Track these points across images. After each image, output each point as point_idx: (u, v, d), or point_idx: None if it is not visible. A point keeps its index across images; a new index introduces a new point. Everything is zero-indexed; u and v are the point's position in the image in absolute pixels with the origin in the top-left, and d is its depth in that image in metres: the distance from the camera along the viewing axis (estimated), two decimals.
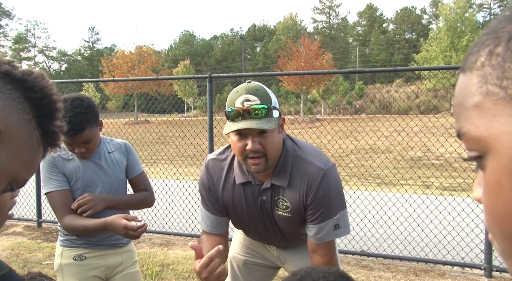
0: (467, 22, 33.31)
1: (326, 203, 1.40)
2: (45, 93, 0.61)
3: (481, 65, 0.33)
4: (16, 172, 0.59)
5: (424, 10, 67.47)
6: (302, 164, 1.42)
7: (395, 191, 6.17)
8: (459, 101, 0.36)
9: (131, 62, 38.02)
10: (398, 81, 39.32)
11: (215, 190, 1.53)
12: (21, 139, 0.58)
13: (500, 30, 0.32)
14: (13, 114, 0.57)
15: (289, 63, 32.56)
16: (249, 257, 1.82)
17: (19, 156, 0.59)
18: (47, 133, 0.62)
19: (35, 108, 0.60)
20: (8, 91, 0.57)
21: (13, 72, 0.58)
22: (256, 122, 1.27)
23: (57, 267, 1.80)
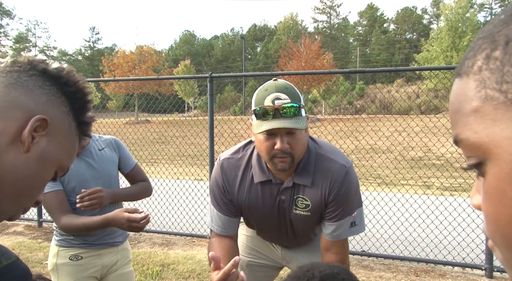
0: (468, 22, 33.26)
1: (346, 201, 1.41)
2: (78, 87, 0.67)
3: (478, 69, 0.32)
4: (61, 160, 0.65)
5: (425, 10, 67.42)
6: (324, 162, 1.42)
7: (396, 191, 6.16)
8: (456, 106, 0.35)
9: (131, 61, 38.02)
10: (399, 81, 39.30)
11: (230, 190, 1.50)
12: (63, 129, 0.65)
13: (497, 34, 0.31)
14: (55, 107, 0.63)
15: (290, 63, 32.55)
16: (253, 258, 1.82)
17: (63, 145, 0.65)
18: (81, 123, 0.69)
19: (71, 101, 0.66)
20: (48, 87, 0.63)
21: (49, 70, 0.64)
22: (288, 122, 1.25)
23: (52, 267, 1.78)
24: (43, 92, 0.62)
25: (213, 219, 1.56)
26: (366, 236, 4.44)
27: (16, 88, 0.61)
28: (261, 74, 5.61)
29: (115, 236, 1.84)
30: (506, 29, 0.31)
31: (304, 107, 1.32)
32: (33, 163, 0.60)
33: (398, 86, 36.35)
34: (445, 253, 4.01)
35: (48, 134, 0.61)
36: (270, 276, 1.87)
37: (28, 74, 0.63)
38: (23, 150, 0.59)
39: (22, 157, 0.59)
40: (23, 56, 0.68)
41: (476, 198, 0.37)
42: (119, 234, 1.86)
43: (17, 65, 0.64)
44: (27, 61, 0.65)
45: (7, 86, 0.61)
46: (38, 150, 0.60)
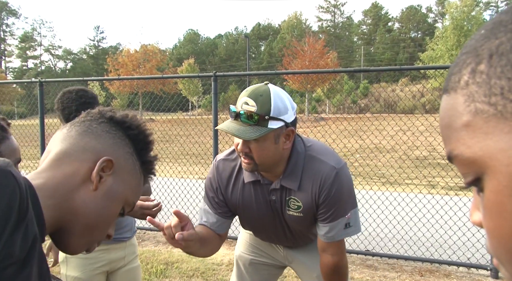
0: (473, 21, 33.08)
1: (338, 202, 1.39)
2: (141, 129, 0.76)
3: (465, 84, 0.32)
4: (127, 196, 0.72)
5: (429, 8, 67.10)
6: (314, 163, 1.41)
7: (400, 191, 6.14)
8: (446, 122, 0.34)
9: (136, 60, 38.12)
10: (404, 80, 39.15)
11: (224, 191, 1.52)
12: (128, 169, 0.72)
13: (480, 48, 0.32)
14: (120, 149, 0.71)
15: (294, 62, 32.51)
16: (256, 257, 1.82)
17: (128, 183, 0.72)
18: (145, 163, 0.77)
19: (134, 142, 0.75)
20: (114, 131, 0.72)
21: (115, 117, 0.74)
22: (241, 128, 1.27)
23: (62, 259, 1.83)
24: (109, 136, 0.71)
25: (204, 216, 1.58)
26: (370, 235, 4.43)
27: (88, 135, 0.70)
28: (265, 73, 5.61)
29: (124, 232, 1.87)
30: (488, 43, 0.31)
31: (276, 119, 1.28)
32: (101, 199, 0.67)
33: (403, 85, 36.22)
34: (450, 253, 3.99)
35: (114, 173, 0.69)
36: (274, 275, 1.86)
37: (98, 121, 0.73)
38: (92, 189, 0.66)
39: (91, 194, 0.66)
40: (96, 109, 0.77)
41: (476, 215, 0.36)
42: (128, 230, 1.90)
43: (90, 115, 0.74)
44: (97, 111, 0.75)
45: (81, 134, 0.70)
46: (105, 188, 0.68)
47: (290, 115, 1.32)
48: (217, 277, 3.49)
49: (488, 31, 0.32)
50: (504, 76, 0.29)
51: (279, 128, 1.30)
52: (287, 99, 1.33)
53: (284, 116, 1.30)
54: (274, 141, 1.31)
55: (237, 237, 1.96)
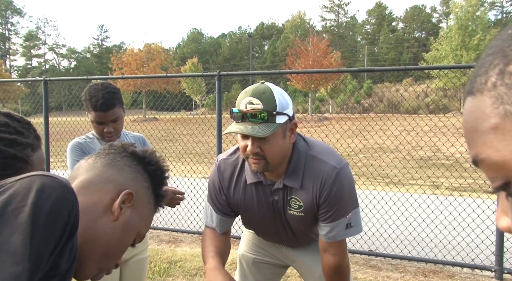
0: (478, 21, 32.89)
1: (339, 202, 1.39)
2: (159, 165, 0.80)
3: (492, 85, 0.31)
4: (141, 228, 0.76)
5: (434, 8, 66.83)
6: (315, 163, 1.41)
7: (404, 191, 6.12)
8: (471, 125, 0.33)
9: (140, 59, 38.18)
10: (408, 80, 39.02)
11: (227, 191, 1.53)
12: (144, 202, 0.77)
13: (507, 49, 0.31)
14: (139, 183, 0.76)
15: (297, 62, 32.46)
16: (259, 256, 1.81)
17: (143, 216, 0.77)
18: (158, 196, 0.81)
19: (151, 177, 0.79)
20: (135, 166, 0.77)
21: (137, 152, 0.79)
22: (253, 127, 1.27)
23: None
24: (131, 170, 0.76)
25: (208, 217, 1.59)
26: (374, 235, 4.42)
27: (112, 167, 0.75)
28: (268, 72, 5.60)
29: None
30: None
31: (281, 114, 1.30)
32: (119, 230, 0.71)
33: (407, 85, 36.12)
34: (454, 253, 3.97)
35: (132, 206, 0.73)
36: (276, 274, 1.86)
37: (121, 155, 0.77)
38: (113, 219, 0.70)
39: (111, 224, 0.70)
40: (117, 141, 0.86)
41: (504, 220, 0.35)
42: None
43: (113, 148, 0.79)
44: (120, 145, 0.80)
45: (105, 166, 0.75)
46: (124, 219, 0.72)
47: (291, 109, 1.35)
48: None
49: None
50: None
51: (285, 123, 1.32)
52: (285, 94, 1.36)
53: (287, 110, 1.33)
54: (282, 136, 1.33)
55: (240, 236, 1.95)
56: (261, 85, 1.33)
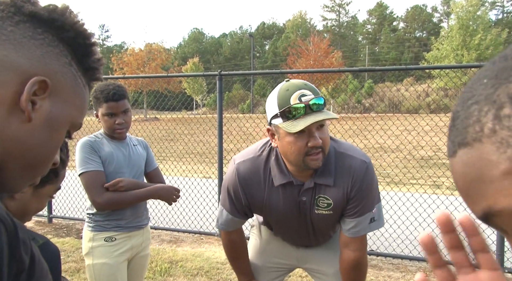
0: (479, 20, 32.87)
1: (367, 196, 1.42)
2: (78, 29, 0.56)
3: (491, 131, 0.29)
4: (72, 117, 0.57)
5: (435, 8, 66.78)
6: (345, 159, 1.42)
7: (405, 191, 6.12)
8: (474, 176, 0.31)
9: (141, 59, 38.20)
10: (409, 80, 38.97)
11: (248, 193, 1.49)
12: (68, 84, 0.55)
13: (494, 95, 0.30)
14: (53, 61, 0.53)
15: (298, 61, 32.47)
16: (266, 263, 1.81)
17: (71, 102, 0.56)
18: (88, 70, 0.59)
19: (71, 48, 0.56)
20: (40, 35, 0.52)
21: (39, 13, 0.52)
22: (323, 114, 1.25)
23: (88, 250, 1.93)
24: (36, 44, 0.51)
25: (224, 221, 1.59)
26: (374, 235, 4.42)
27: (2, 44, 0.49)
28: (269, 72, 5.61)
29: (142, 219, 2.04)
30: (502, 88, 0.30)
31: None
32: (40, 131, 0.52)
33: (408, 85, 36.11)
34: None
35: (51, 95, 0.52)
36: (280, 276, 1.85)
37: (14, 21, 0.50)
38: (25, 119, 0.50)
39: (26, 127, 0.50)
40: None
41: None
42: (145, 218, 2.07)
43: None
44: (9, 1, 0.51)
45: None
46: (43, 116, 0.52)
47: None
48: (221, 276, 3.49)
49: (493, 79, 0.31)
50: None
51: None
52: None
53: None
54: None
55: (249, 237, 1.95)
56: (294, 80, 1.34)
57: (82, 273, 3.42)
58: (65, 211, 5.64)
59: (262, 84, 40.79)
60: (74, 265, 3.63)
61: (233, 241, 1.67)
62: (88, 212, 1.96)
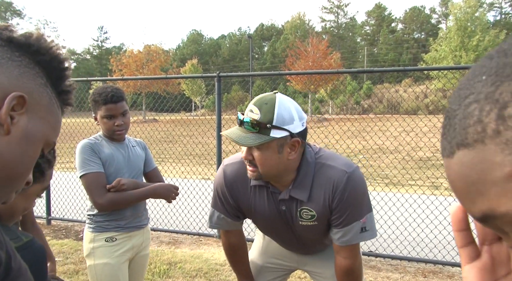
0: (477, 22, 32.97)
1: (351, 206, 1.39)
2: (53, 54, 0.60)
3: (494, 132, 0.28)
4: (47, 135, 0.60)
5: (433, 9, 66.94)
6: (325, 170, 1.40)
7: (404, 192, 6.13)
8: (475, 178, 0.30)
9: (139, 61, 38.20)
10: (407, 81, 39.05)
11: (236, 195, 1.52)
12: (44, 103, 0.59)
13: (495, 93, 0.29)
14: (30, 80, 0.57)
15: (297, 63, 32.51)
16: (266, 263, 1.82)
17: (46, 120, 0.59)
18: (61, 93, 0.63)
19: (46, 71, 0.60)
20: (18, 58, 0.56)
21: (16, 38, 0.57)
22: (242, 135, 1.29)
23: (89, 251, 1.95)
24: (13, 64, 0.55)
25: (212, 219, 1.61)
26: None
27: None
28: (268, 73, 5.61)
29: (142, 219, 2.07)
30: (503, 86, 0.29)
31: (279, 128, 1.27)
32: (17, 144, 0.55)
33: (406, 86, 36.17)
34: (454, 254, 3.98)
35: (28, 111, 0.56)
36: (282, 277, 1.86)
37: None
38: (3, 133, 0.53)
39: (3, 140, 0.53)
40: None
41: None
42: (144, 218, 2.10)
43: None
44: None
45: None
46: (21, 130, 0.55)
47: (296, 126, 1.31)
48: (220, 277, 3.49)
49: (493, 76, 0.30)
50: None
51: (282, 138, 1.29)
52: (294, 109, 1.32)
53: (289, 126, 1.29)
54: (277, 150, 1.31)
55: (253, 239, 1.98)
56: (270, 95, 1.32)
57: (81, 275, 3.42)
58: (63, 212, 5.63)
59: (261, 85, 40.80)
60: (73, 267, 3.62)
61: (232, 244, 1.67)
62: (89, 214, 1.98)
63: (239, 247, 1.69)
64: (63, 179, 6.53)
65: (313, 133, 6.75)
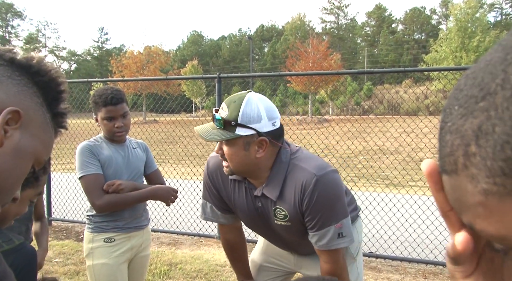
0: (477, 23, 32.98)
1: (322, 209, 1.36)
2: (51, 76, 0.63)
3: (463, 166, 0.30)
4: (38, 153, 0.61)
5: (433, 10, 66.96)
6: (296, 172, 1.40)
7: (404, 193, 6.13)
8: (457, 197, 0.33)
9: (140, 62, 38.22)
10: (408, 82, 39.03)
11: (215, 188, 1.58)
12: (38, 121, 0.61)
13: (462, 129, 0.30)
14: (27, 98, 0.59)
15: (297, 64, 32.50)
16: (266, 263, 1.83)
17: (39, 138, 0.61)
18: (56, 115, 0.65)
19: (43, 91, 0.63)
20: (18, 77, 0.59)
21: (17, 59, 0.60)
22: (208, 130, 1.35)
23: (88, 252, 1.96)
24: (13, 82, 0.58)
25: (205, 212, 1.67)
26: (374, 237, 4.42)
27: None
28: (268, 74, 5.62)
29: (141, 220, 2.08)
30: (468, 122, 0.30)
31: (245, 127, 1.30)
32: (8, 157, 0.56)
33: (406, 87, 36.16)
34: None
35: (21, 127, 0.57)
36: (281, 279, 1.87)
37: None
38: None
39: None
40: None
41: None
42: (144, 218, 2.10)
43: None
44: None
45: None
46: (13, 144, 0.56)
47: (264, 125, 1.32)
48: (220, 278, 3.49)
49: (462, 108, 0.31)
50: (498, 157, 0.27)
51: (249, 136, 1.32)
52: (263, 109, 1.33)
53: (256, 124, 1.31)
54: (243, 148, 1.34)
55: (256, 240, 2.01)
56: (242, 93, 1.36)
57: (81, 276, 3.42)
58: (64, 213, 5.63)
59: (261, 86, 40.80)
60: (73, 268, 3.62)
61: (227, 240, 1.71)
62: (88, 214, 1.99)
63: (236, 244, 1.71)
64: (63, 180, 6.54)
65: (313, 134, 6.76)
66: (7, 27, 70.29)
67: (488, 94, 0.28)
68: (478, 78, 0.30)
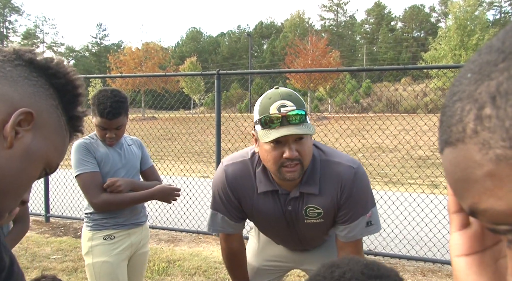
0: (477, 21, 32.94)
1: (359, 202, 1.39)
2: (69, 78, 0.62)
3: (473, 132, 0.29)
4: (50, 157, 0.60)
5: (433, 8, 66.91)
6: (331, 167, 1.39)
7: (403, 190, 6.13)
8: (459, 176, 0.31)
9: (138, 58, 38.08)
10: (407, 80, 39.02)
11: (236, 197, 1.48)
12: (52, 124, 0.59)
13: (475, 93, 0.29)
14: (42, 100, 0.58)
15: (296, 61, 32.46)
16: (262, 265, 1.81)
17: (52, 141, 0.60)
18: (72, 118, 0.64)
19: (60, 94, 0.61)
20: (35, 78, 0.58)
21: (36, 60, 0.59)
22: (297, 128, 1.22)
23: (87, 250, 1.94)
24: (29, 83, 0.57)
25: (214, 224, 1.55)
26: (372, 235, 4.43)
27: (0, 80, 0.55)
28: (267, 71, 5.60)
29: (140, 216, 2.07)
30: (483, 85, 0.29)
31: (308, 115, 1.30)
32: (17, 160, 0.55)
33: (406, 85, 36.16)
34: None
35: (34, 129, 0.56)
36: (278, 277, 1.85)
37: (13, 64, 0.57)
38: (6, 146, 0.53)
39: (5, 153, 0.54)
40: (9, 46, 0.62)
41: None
42: (143, 215, 2.10)
43: (2, 54, 0.58)
44: (12, 50, 0.59)
45: None
46: (23, 146, 0.55)
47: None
48: (218, 275, 3.49)
49: (476, 74, 0.30)
50: None
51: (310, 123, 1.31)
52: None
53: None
54: (311, 136, 1.32)
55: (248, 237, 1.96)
56: (280, 89, 1.31)
57: (79, 273, 3.41)
58: (62, 210, 5.62)
59: (260, 83, 40.80)
60: (71, 265, 3.62)
61: (233, 249, 1.62)
62: (86, 212, 1.97)
63: (240, 252, 1.65)
64: (61, 177, 6.52)
65: None
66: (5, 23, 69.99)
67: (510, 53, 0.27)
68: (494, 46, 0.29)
